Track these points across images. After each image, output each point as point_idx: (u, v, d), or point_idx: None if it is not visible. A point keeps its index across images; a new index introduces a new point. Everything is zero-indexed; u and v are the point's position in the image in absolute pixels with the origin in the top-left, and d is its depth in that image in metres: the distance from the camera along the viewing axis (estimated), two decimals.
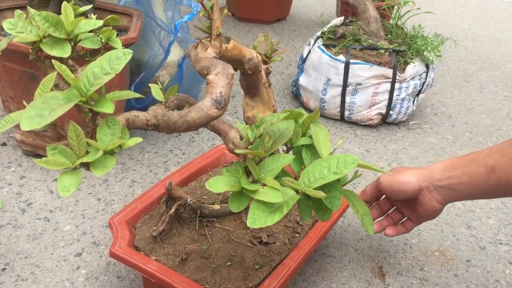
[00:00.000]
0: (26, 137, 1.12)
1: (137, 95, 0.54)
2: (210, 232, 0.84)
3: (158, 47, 1.29)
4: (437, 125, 1.51)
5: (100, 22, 0.58)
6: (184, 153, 1.24)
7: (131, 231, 0.81)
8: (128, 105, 1.27)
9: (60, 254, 0.90)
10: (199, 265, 0.77)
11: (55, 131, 1.07)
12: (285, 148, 0.67)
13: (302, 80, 1.49)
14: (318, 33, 1.52)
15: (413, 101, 1.45)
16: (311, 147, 0.64)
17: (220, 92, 0.56)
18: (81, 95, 0.48)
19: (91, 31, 0.60)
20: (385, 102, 1.40)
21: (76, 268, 0.87)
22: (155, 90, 0.63)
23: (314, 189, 0.56)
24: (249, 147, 0.61)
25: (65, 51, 0.54)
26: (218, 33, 0.60)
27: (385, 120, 1.45)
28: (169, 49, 1.24)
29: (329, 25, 1.56)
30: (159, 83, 0.65)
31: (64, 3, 0.56)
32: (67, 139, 0.48)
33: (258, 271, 0.77)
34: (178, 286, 0.70)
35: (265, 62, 0.81)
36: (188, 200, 0.82)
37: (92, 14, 0.63)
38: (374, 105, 1.40)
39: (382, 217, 0.85)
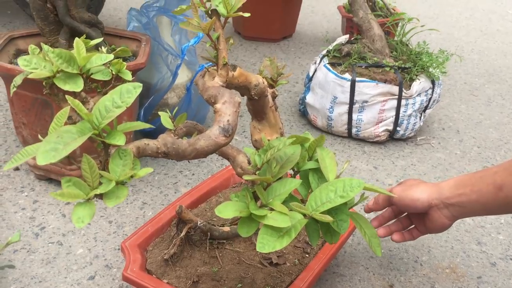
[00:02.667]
0: None
1: (148, 125, 0.56)
2: (220, 254, 0.85)
3: (166, 70, 1.32)
4: (445, 140, 1.51)
5: (111, 56, 0.60)
6: (193, 174, 1.26)
7: (142, 255, 0.82)
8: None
9: (73, 277, 0.91)
10: None
11: (68, 156, 1.09)
12: (292, 172, 0.68)
13: (309, 99, 1.50)
14: (324, 52, 1.54)
15: (420, 117, 1.46)
16: (317, 171, 0.65)
17: (228, 121, 0.57)
18: (93, 128, 0.50)
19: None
20: (392, 119, 1.41)
21: None
22: (164, 118, 0.65)
23: (321, 212, 0.57)
24: (256, 173, 0.62)
25: (78, 86, 0.57)
26: (225, 62, 0.62)
27: (392, 137, 1.46)
28: (176, 72, 1.27)
29: (334, 44, 1.57)
30: (168, 111, 0.67)
31: (76, 39, 0.58)
32: (79, 168, 0.50)
33: None
34: None
35: (271, 86, 0.82)
36: (198, 223, 0.83)
37: (102, 47, 0.65)
38: (381, 121, 1.41)
39: (391, 221, 0.87)
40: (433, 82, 1.43)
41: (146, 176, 1.23)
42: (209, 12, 0.66)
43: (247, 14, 0.65)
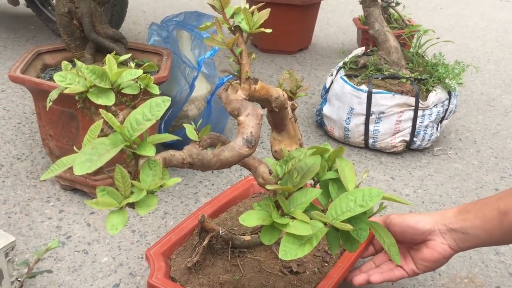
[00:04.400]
0: (64, 172, 1.18)
1: (175, 137, 0.59)
2: (242, 263, 0.87)
3: (184, 83, 1.35)
4: (462, 151, 1.52)
5: (140, 72, 0.63)
6: (213, 184, 1.29)
7: (166, 263, 0.85)
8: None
9: (99, 285, 0.94)
10: None
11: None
12: (312, 182, 0.70)
13: (326, 110, 1.53)
14: (340, 64, 1.56)
15: (437, 128, 1.47)
16: (337, 181, 0.67)
17: (251, 132, 0.60)
18: (125, 140, 0.53)
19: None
20: (409, 130, 1.42)
21: None
22: (189, 131, 0.68)
23: (342, 221, 0.59)
24: (278, 182, 0.65)
25: (110, 100, 0.60)
26: (247, 76, 0.65)
27: (409, 147, 1.47)
28: (193, 84, 1.30)
29: (350, 56, 1.60)
30: (192, 123, 0.70)
31: (108, 56, 0.62)
32: (105, 179, 0.53)
33: None
34: None
35: (290, 98, 0.85)
36: (220, 232, 0.86)
37: (131, 63, 0.69)
38: (397, 132, 1.43)
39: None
40: (449, 93, 1.45)
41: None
42: (232, 28, 0.69)
43: (269, 30, 0.68)
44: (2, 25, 2.43)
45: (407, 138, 1.44)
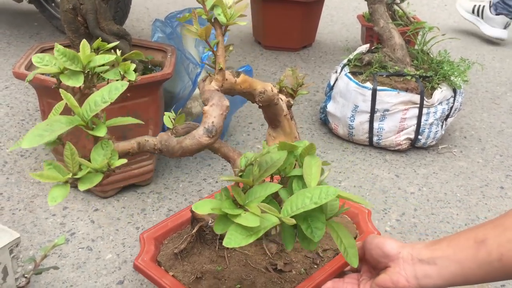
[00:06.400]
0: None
1: (136, 121, 0.62)
2: (229, 255, 0.87)
3: (187, 79, 1.35)
4: (466, 149, 1.51)
5: (113, 57, 0.66)
6: (217, 182, 1.28)
7: (157, 247, 0.86)
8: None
9: (103, 282, 0.94)
10: (211, 285, 0.81)
11: None
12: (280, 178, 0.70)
13: (330, 107, 1.52)
14: (345, 61, 1.56)
15: (442, 125, 1.46)
16: (302, 178, 0.67)
17: (212, 122, 0.60)
18: (82, 120, 0.55)
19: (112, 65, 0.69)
20: (413, 127, 1.41)
21: None
22: (166, 118, 0.71)
23: (292, 217, 0.59)
24: (239, 175, 0.65)
25: (79, 81, 0.63)
26: (220, 67, 0.65)
27: (414, 145, 1.47)
28: (196, 81, 1.30)
29: (355, 53, 1.59)
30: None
31: (83, 41, 0.65)
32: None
33: None
34: None
35: (291, 96, 0.84)
36: (210, 221, 0.86)
37: (118, 50, 0.72)
38: (402, 130, 1.42)
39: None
40: (454, 91, 1.44)
41: (171, 184, 1.26)
42: (212, 20, 0.69)
43: (243, 23, 0.69)
44: (6, 21, 2.43)
45: (412, 136, 1.43)
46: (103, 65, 0.66)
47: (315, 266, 0.86)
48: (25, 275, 0.82)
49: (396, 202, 1.23)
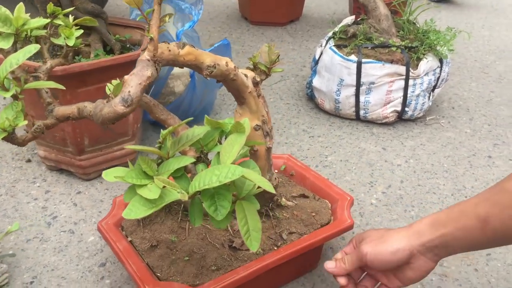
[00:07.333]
0: (49, 153, 1.16)
1: (57, 85, 0.64)
2: (190, 227, 0.87)
3: None
4: (454, 119, 1.50)
5: (47, 20, 0.68)
6: None
7: None
8: (145, 117, 1.31)
9: (85, 265, 0.93)
10: (162, 254, 0.81)
11: (77, 147, 1.11)
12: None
13: (316, 82, 1.50)
14: (330, 34, 1.53)
15: (429, 97, 1.44)
16: None
17: (129, 92, 0.58)
18: None
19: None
20: (400, 100, 1.39)
21: (100, 278, 0.90)
22: (108, 87, 0.71)
23: (201, 193, 0.60)
24: (157, 146, 0.67)
25: (8, 43, 0.65)
26: (150, 37, 0.62)
27: (401, 117, 1.45)
28: None
29: (340, 25, 1.56)
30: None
31: (20, 4, 0.66)
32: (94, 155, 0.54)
33: (213, 272, 0.78)
34: (129, 269, 0.76)
35: (265, 74, 0.81)
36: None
37: (70, 16, 0.74)
38: (388, 103, 1.40)
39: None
40: (441, 61, 1.42)
41: None
42: None
43: None
44: None
45: (399, 108, 1.41)
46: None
47: (275, 248, 0.83)
48: None
49: (382, 174, 1.22)
